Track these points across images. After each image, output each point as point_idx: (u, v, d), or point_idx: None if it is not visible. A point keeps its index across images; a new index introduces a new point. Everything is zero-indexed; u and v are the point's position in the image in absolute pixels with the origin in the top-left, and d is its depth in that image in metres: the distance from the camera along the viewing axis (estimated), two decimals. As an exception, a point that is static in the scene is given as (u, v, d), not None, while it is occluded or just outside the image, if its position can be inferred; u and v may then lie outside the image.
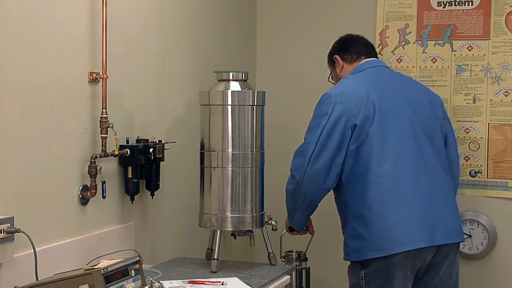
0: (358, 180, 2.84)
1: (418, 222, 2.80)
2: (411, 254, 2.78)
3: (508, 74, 3.53)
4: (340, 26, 3.83)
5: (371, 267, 2.82)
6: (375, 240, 2.79)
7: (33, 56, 2.35)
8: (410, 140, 2.88)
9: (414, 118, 2.91)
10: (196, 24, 3.39)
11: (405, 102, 2.93)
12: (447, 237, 2.86)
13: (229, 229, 2.96)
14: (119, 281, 2.07)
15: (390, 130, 2.85)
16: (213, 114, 2.91)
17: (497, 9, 3.53)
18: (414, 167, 2.86)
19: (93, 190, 2.58)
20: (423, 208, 2.82)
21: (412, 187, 2.83)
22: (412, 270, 2.83)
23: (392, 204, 2.80)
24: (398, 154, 2.84)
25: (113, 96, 2.71)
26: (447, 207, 2.91)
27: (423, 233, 2.80)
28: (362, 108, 2.82)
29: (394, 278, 2.79)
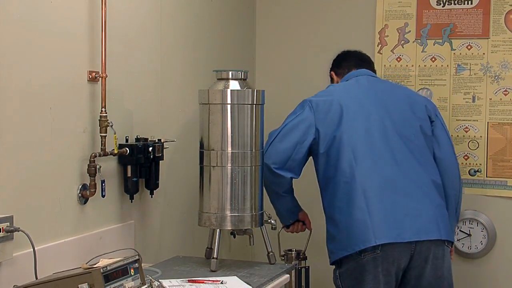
0: (330, 183, 3.00)
1: (384, 219, 2.84)
2: (380, 256, 2.82)
3: (508, 73, 3.53)
4: (340, 25, 3.84)
5: (344, 267, 2.92)
6: (343, 239, 2.90)
7: (33, 55, 2.35)
8: (379, 140, 2.96)
9: (386, 120, 2.99)
10: (195, 23, 3.39)
11: (377, 105, 3.03)
12: (419, 234, 2.84)
13: (229, 228, 2.96)
14: (119, 280, 2.07)
15: (358, 132, 2.96)
16: (212, 113, 2.91)
17: (497, 8, 3.53)
18: (383, 166, 2.92)
19: (93, 189, 2.58)
20: (391, 205, 2.86)
21: (380, 185, 2.89)
22: (385, 273, 2.84)
23: (358, 202, 2.87)
24: (366, 154, 2.93)
25: (113, 95, 2.71)
26: (421, 205, 2.90)
27: (389, 229, 2.83)
28: (330, 113, 3.01)
29: (364, 280, 2.86)
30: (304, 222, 3.32)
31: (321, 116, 3.02)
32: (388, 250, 2.83)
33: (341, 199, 2.93)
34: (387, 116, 2.99)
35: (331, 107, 3.02)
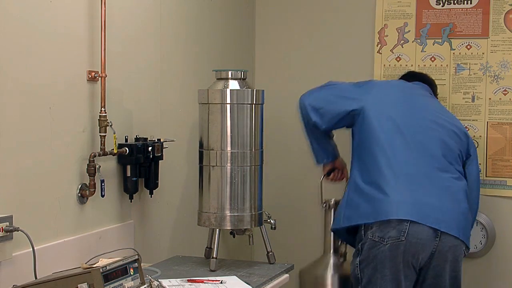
0: (364, 153, 2.98)
1: (412, 201, 2.86)
2: (402, 244, 2.80)
3: (507, 73, 3.53)
4: (339, 25, 3.84)
5: (365, 254, 2.88)
6: (367, 208, 2.89)
7: (32, 55, 2.34)
8: (415, 140, 2.99)
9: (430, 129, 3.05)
10: (195, 22, 3.39)
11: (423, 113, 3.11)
12: (439, 224, 2.84)
13: (228, 228, 2.96)
14: (118, 279, 2.07)
15: (398, 129, 2.99)
16: (212, 113, 2.91)
17: (496, 7, 3.53)
18: (417, 160, 2.95)
19: (92, 188, 2.58)
20: (421, 195, 2.88)
21: (412, 174, 2.91)
22: (405, 265, 2.84)
23: (390, 181, 2.87)
24: (403, 146, 2.97)
25: (112, 94, 2.71)
26: (449, 204, 2.92)
27: (415, 211, 2.83)
28: (384, 100, 3.07)
29: (384, 268, 2.84)
30: (342, 171, 3.37)
31: (374, 101, 3.04)
32: (412, 239, 2.81)
33: (373, 175, 2.92)
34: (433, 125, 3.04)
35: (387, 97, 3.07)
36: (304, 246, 3.91)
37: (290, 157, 3.94)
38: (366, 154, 3.00)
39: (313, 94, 3.18)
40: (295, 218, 3.91)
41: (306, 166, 3.92)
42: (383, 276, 2.85)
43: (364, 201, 2.92)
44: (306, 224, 3.92)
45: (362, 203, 2.92)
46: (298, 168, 3.93)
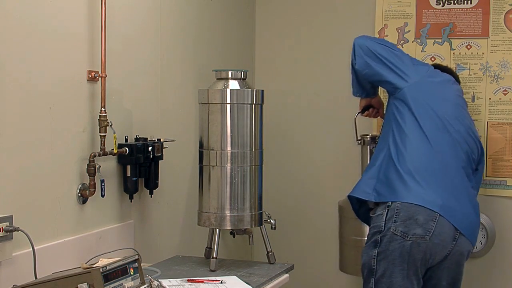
0: (406, 141, 2.90)
1: (443, 196, 2.84)
2: (425, 243, 2.78)
3: (507, 73, 3.53)
4: (339, 25, 3.83)
5: (384, 246, 2.82)
6: (401, 189, 2.84)
7: (32, 55, 2.34)
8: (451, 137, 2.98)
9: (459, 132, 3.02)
10: (195, 22, 3.39)
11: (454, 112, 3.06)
12: (461, 225, 2.84)
13: (228, 228, 2.96)
14: (118, 279, 2.07)
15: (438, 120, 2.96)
16: (212, 113, 2.91)
17: (496, 7, 3.53)
18: (449, 157, 2.94)
19: (92, 188, 2.58)
20: (450, 193, 2.88)
21: (445, 170, 2.91)
22: (423, 262, 2.82)
23: (427, 178, 2.85)
24: (442, 140, 2.95)
25: (112, 94, 2.71)
26: (472, 209, 2.95)
27: (447, 211, 2.82)
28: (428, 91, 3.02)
29: (402, 263, 2.81)
30: (378, 110, 3.33)
31: (420, 88, 2.99)
32: (435, 239, 2.79)
33: (410, 164, 2.87)
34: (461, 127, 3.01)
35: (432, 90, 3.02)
36: (304, 246, 3.92)
37: (290, 157, 3.94)
38: (404, 139, 2.93)
39: (371, 42, 3.09)
40: (295, 218, 3.91)
41: (306, 166, 3.92)
42: (401, 270, 2.81)
43: (400, 184, 2.86)
44: (306, 224, 3.92)
45: (398, 184, 2.86)
46: (298, 168, 3.93)
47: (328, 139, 3.86)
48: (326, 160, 3.87)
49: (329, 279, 3.89)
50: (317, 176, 3.89)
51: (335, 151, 3.86)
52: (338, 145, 3.84)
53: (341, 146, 3.83)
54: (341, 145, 3.83)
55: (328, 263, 3.87)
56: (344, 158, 3.82)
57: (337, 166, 3.85)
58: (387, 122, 3.05)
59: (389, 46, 3.10)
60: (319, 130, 3.88)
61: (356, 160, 3.75)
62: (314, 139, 3.88)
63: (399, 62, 3.02)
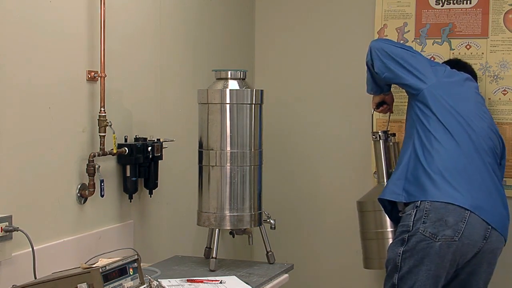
0: (433, 140, 2.94)
1: (472, 195, 2.87)
2: (454, 244, 2.80)
3: (507, 73, 3.53)
4: (339, 25, 3.84)
5: (411, 245, 2.85)
6: (431, 189, 2.87)
7: (32, 55, 2.35)
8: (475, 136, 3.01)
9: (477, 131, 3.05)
10: (194, 22, 3.39)
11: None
12: (494, 221, 2.87)
13: (228, 228, 2.96)
14: (118, 279, 2.07)
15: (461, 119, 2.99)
16: (211, 113, 2.91)
17: (496, 7, 3.53)
18: (475, 157, 2.97)
19: (92, 188, 2.58)
20: (478, 192, 2.91)
21: (474, 171, 2.94)
22: (452, 263, 2.85)
23: (457, 178, 2.87)
24: (468, 141, 2.98)
25: (112, 94, 2.71)
26: (501, 205, 2.98)
27: (476, 207, 2.84)
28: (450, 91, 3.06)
29: (430, 262, 2.83)
30: (390, 106, 3.41)
31: (440, 89, 3.02)
32: (465, 240, 2.81)
33: (437, 163, 2.89)
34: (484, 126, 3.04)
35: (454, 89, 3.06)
36: (304, 246, 3.92)
37: (289, 157, 3.94)
38: (430, 139, 2.96)
39: (388, 46, 3.13)
40: (295, 218, 3.92)
41: (305, 166, 3.92)
42: (427, 270, 2.84)
43: (430, 183, 2.88)
44: (305, 223, 3.92)
45: (428, 184, 2.88)
46: (297, 168, 3.93)
47: (328, 139, 3.86)
48: (326, 160, 3.87)
49: (329, 279, 3.89)
50: (317, 176, 3.89)
51: (335, 151, 3.86)
52: (338, 145, 3.84)
53: (341, 146, 3.83)
54: (341, 145, 3.83)
55: (328, 263, 3.87)
56: (343, 157, 3.83)
57: (337, 166, 3.85)
58: (410, 124, 3.08)
59: (406, 49, 3.15)
60: (318, 130, 3.88)
61: (357, 161, 3.76)
62: (314, 139, 3.88)
63: (417, 64, 3.07)
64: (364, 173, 3.75)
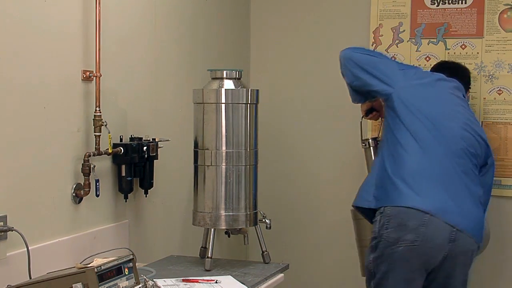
0: (398, 147, 2.95)
1: (433, 196, 2.86)
2: (416, 248, 2.81)
3: (501, 72, 3.54)
4: (334, 24, 3.84)
5: (379, 252, 2.88)
6: (394, 193, 2.89)
7: (26, 55, 2.34)
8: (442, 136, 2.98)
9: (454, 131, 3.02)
10: (189, 22, 3.39)
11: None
12: (458, 222, 2.84)
13: (223, 227, 2.96)
14: (113, 279, 2.07)
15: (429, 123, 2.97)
16: (207, 112, 2.91)
17: (491, 7, 3.54)
18: (441, 157, 2.95)
19: (87, 188, 2.58)
20: (442, 194, 2.89)
21: (436, 172, 2.92)
22: (418, 266, 2.85)
23: (419, 182, 2.87)
24: (434, 141, 2.95)
25: (107, 94, 2.70)
26: (472, 207, 2.94)
27: (436, 205, 2.83)
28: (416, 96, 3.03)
29: (396, 267, 2.85)
30: (380, 112, 3.36)
31: (407, 92, 3.01)
32: (426, 243, 2.82)
33: (401, 170, 2.91)
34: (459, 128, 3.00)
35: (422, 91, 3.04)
36: (299, 245, 3.92)
37: (285, 156, 3.94)
38: (396, 146, 2.97)
39: (355, 54, 3.11)
40: (290, 218, 3.92)
41: (301, 166, 3.93)
42: (395, 275, 2.87)
43: (392, 189, 2.90)
44: (301, 223, 3.92)
45: (390, 189, 2.91)
46: (293, 167, 3.93)
47: (323, 139, 3.86)
48: (321, 159, 3.88)
49: (324, 279, 3.90)
50: (312, 175, 3.90)
51: (330, 151, 3.86)
52: (333, 144, 3.84)
53: (336, 146, 3.84)
54: (336, 145, 3.84)
55: (323, 263, 3.87)
56: (339, 158, 3.83)
57: (332, 165, 3.85)
58: (384, 130, 3.11)
59: (373, 55, 3.15)
60: (314, 130, 3.88)
61: (351, 160, 3.76)
62: (309, 138, 3.89)
63: (385, 69, 3.06)
64: (360, 173, 3.74)
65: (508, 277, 3.60)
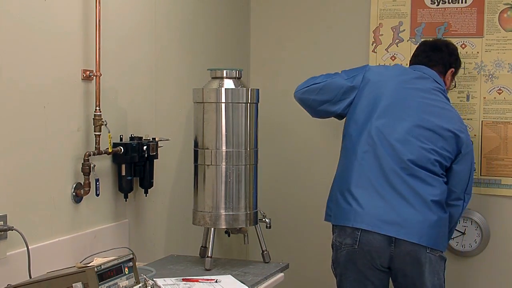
0: (344, 157, 3.09)
1: (368, 210, 2.91)
2: (356, 251, 2.90)
3: (501, 72, 3.54)
4: (334, 24, 3.84)
5: (334, 254, 3.03)
6: (337, 210, 3.02)
7: (26, 54, 2.34)
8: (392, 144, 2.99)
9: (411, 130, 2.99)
10: (190, 21, 3.39)
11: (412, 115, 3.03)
12: (395, 232, 2.85)
13: (223, 227, 2.96)
14: (113, 279, 2.07)
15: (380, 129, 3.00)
16: (207, 112, 2.91)
17: (490, 7, 3.54)
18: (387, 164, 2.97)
19: (87, 187, 2.58)
20: (379, 202, 2.92)
21: (378, 181, 2.95)
22: (366, 267, 2.92)
23: (354, 193, 2.94)
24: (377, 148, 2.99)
25: (107, 93, 2.70)
26: (412, 214, 2.90)
27: (370, 219, 2.89)
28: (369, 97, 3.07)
29: (347, 270, 2.97)
30: None
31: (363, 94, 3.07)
32: (364, 246, 2.89)
33: (343, 182, 3.01)
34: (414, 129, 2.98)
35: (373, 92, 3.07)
36: (299, 245, 3.92)
37: (285, 156, 3.94)
38: (341, 158, 3.14)
39: (302, 95, 3.23)
40: (290, 217, 3.92)
41: (301, 165, 3.92)
42: (347, 277, 2.99)
43: (334, 205, 3.05)
44: (301, 223, 3.92)
45: (333, 206, 3.06)
46: (293, 167, 3.93)
47: (323, 138, 3.86)
48: (321, 159, 3.87)
49: (324, 278, 3.89)
50: (312, 175, 3.90)
51: (331, 150, 3.85)
52: (333, 144, 3.83)
53: (336, 145, 3.83)
54: (336, 144, 3.83)
55: (323, 262, 3.87)
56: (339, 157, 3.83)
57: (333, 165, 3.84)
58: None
59: (317, 82, 3.19)
60: (314, 129, 3.88)
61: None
62: (309, 138, 3.88)
63: (331, 92, 3.14)
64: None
65: (507, 276, 3.60)
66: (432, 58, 3.20)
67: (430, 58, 3.20)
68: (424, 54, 3.23)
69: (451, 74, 3.23)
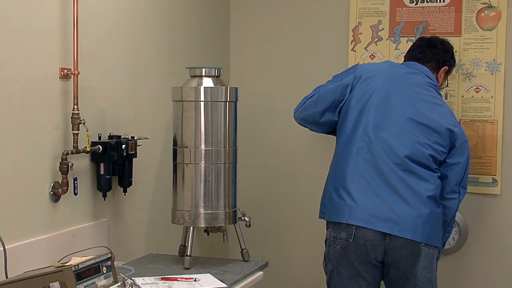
0: (338, 154, 3.07)
1: (363, 205, 2.91)
2: (351, 246, 2.89)
3: (479, 71, 3.56)
4: (314, 22, 3.84)
5: (326, 250, 3.00)
6: (330, 207, 3.00)
7: (3, 51, 2.32)
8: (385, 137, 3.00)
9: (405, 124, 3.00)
10: (169, 19, 3.38)
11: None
12: (389, 228, 2.86)
13: (202, 226, 2.96)
14: (91, 278, 2.07)
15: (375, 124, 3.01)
16: (186, 110, 2.90)
17: (468, 6, 3.56)
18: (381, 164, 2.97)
19: (65, 186, 2.56)
20: (375, 199, 2.92)
21: (373, 178, 2.95)
22: (360, 261, 2.91)
23: (349, 189, 2.94)
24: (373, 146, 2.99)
25: (85, 92, 2.69)
26: (406, 209, 2.91)
27: (364, 215, 2.89)
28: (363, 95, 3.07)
29: (340, 265, 2.95)
30: None
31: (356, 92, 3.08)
32: (359, 240, 2.88)
33: (337, 180, 3.00)
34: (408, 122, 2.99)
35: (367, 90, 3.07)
36: (279, 243, 3.93)
37: (264, 154, 3.94)
38: (335, 156, 3.12)
39: (301, 113, 3.24)
40: (270, 216, 3.92)
41: (280, 163, 3.93)
42: (339, 273, 2.97)
43: (328, 202, 3.02)
44: (280, 221, 3.93)
45: (327, 203, 3.04)
46: (272, 165, 3.93)
47: (303, 136, 3.86)
48: (300, 157, 3.88)
49: (303, 277, 3.90)
50: (292, 173, 3.90)
51: (310, 149, 3.87)
52: (312, 142, 3.84)
53: (316, 143, 3.84)
54: (316, 142, 3.84)
55: (302, 260, 3.88)
56: (319, 155, 3.83)
57: (312, 163, 3.86)
58: None
59: (311, 96, 3.19)
60: (294, 128, 3.87)
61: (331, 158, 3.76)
62: (289, 136, 3.89)
63: (327, 99, 3.13)
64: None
65: (485, 274, 3.63)
66: (426, 54, 3.23)
67: (424, 53, 3.23)
68: (419, 49, 3.25)
69: (444, 71, 3.26)
